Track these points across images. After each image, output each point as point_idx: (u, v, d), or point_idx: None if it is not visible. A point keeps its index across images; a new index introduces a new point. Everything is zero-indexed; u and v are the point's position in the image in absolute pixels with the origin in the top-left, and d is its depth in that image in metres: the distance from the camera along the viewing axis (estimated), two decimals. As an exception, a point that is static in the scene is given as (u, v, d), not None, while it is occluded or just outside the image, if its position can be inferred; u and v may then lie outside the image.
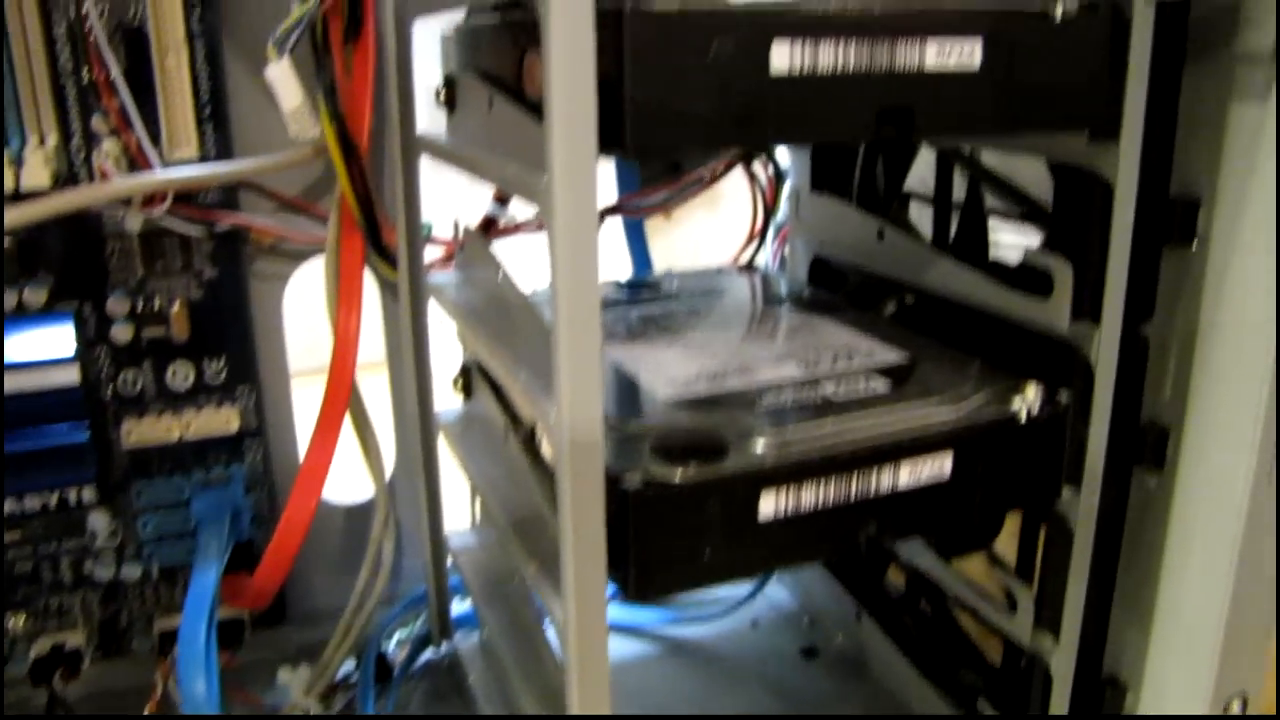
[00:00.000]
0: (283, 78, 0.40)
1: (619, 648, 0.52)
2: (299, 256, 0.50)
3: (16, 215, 0.42)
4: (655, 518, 0.31)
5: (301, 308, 0.53)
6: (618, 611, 0.54)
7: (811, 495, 0.33)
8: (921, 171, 0.49)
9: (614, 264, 0.56)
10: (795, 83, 0.30)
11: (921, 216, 0.49)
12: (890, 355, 0.40)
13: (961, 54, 0.32)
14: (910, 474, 0.34)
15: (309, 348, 0.58)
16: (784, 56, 0.29)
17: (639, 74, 0.28)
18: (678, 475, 0.31)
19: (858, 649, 0.51)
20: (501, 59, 0.37)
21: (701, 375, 0.38)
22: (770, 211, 0.54)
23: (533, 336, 0.34)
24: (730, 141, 0.30)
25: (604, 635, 0.31)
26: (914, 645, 0.47)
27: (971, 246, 0.44)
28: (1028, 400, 0.36)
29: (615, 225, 0.55)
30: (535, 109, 0.33)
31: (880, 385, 0.37)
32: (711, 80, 0.29)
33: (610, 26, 0.27)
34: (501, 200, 0.50)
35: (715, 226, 0.67)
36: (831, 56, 0.30)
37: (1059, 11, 0.33)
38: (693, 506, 0.31)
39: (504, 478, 0.41)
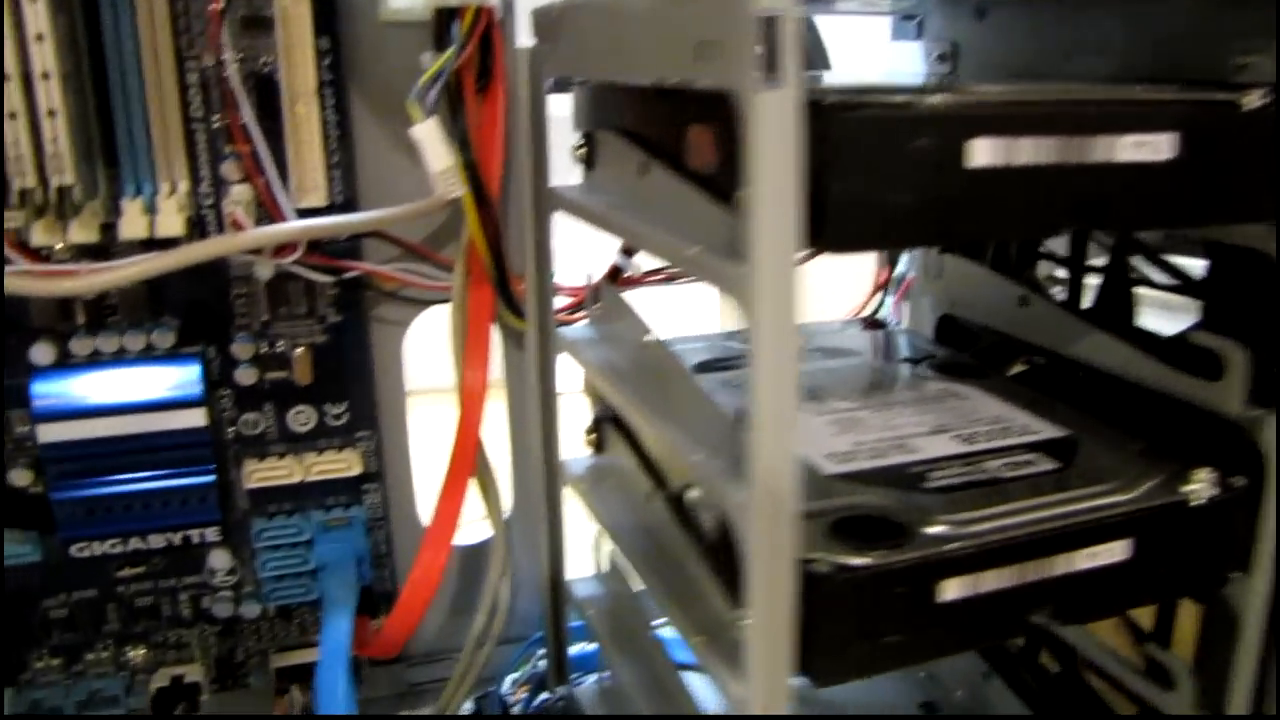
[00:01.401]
0: (430, 138, 0.39)
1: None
2: (420, 303, 0.49)
3: (156, 263, 0.42)
4: (840, 603, 0.31)
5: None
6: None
7: (991, 581, 0.32)
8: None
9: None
10: (991, 178, 0.29)
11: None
12: (1047, 430, 0.39)
13: (1155, 147, 0.30)
14: (1087, 560, 0.33)
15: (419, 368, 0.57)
16: (981, 153, 0.28)
17: (843, 171, 0.27)
18: (865, 560, 0.31)
19: (979, 705, 0.50)
20: (655, 125, 0.36)
21: (859, 448, 0.37)
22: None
23: (700, 413, 0.34)
24: (927, 239, 0.29)
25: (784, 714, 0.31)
26: (1042, 704, 0.47)
27: (1115, 315, 0.43)
28: (1202, 484, 0.35)
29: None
30: (702, 182, 0.32)
31: (1046, 464, 0.36)
32: (910, 176, 0.28)
33: (813, 121, 0.26)
34: (628, 252, 0.49)
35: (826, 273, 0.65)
36: (1028, 152, 0.29)
37: (1249, 101, 0.31)
38: (876, 592, 0.31)
39: (647, 538, 0.40)
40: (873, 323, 0.53)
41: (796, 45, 0.25)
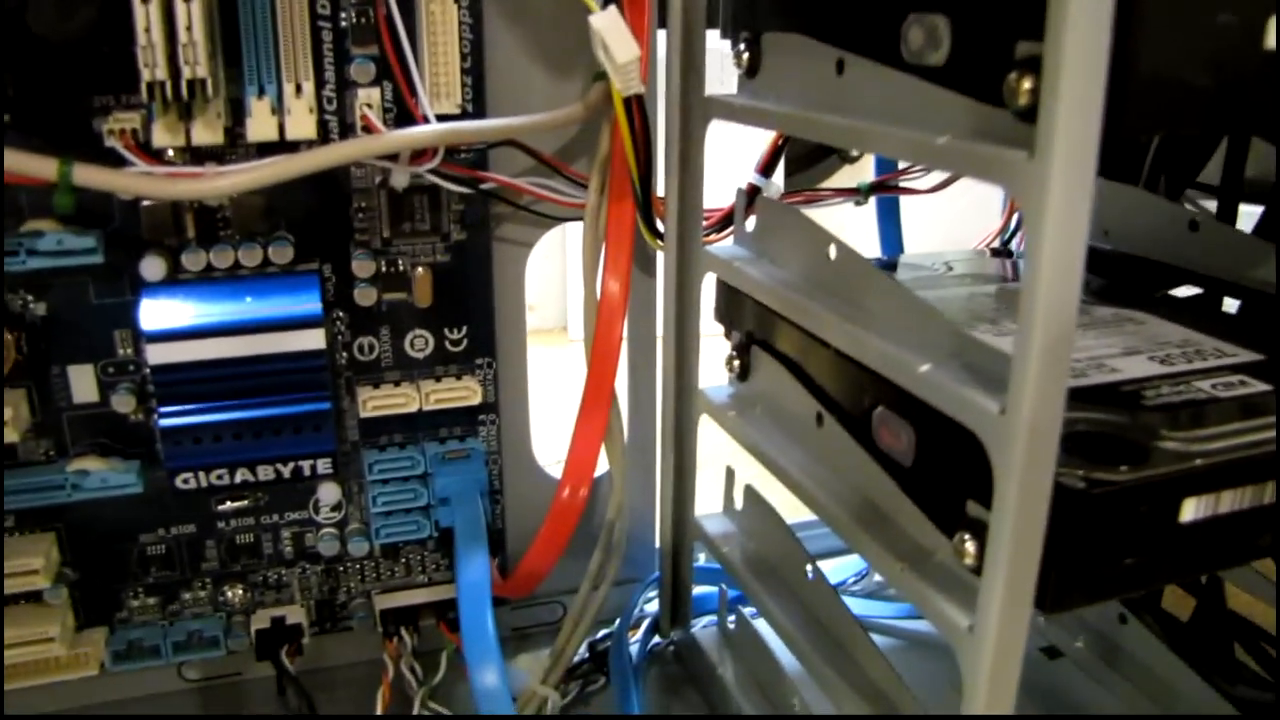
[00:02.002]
0: (613, 27, 0.36)
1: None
2: (549, 220, 0.46)
3: (291, 165, 0.39)
4: (1092, 519, 0.29)
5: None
6: (857, 604, 0.52)
7: (1228, 502, 0.30)
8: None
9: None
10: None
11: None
12: (1242, 354, 0.37)
13: None
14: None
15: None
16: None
17: (1153, 43, 0.25)
18: (1114, 476, 0.29)
19: (1108, 651, 0.49)
20: (859, 19, 0.34)
21: (1057, 369, 0.35)
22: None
23: (927, 327, 0.32)
24: (1220, 121, 0.27)
25: (1021, 647, 0.29)
26: (1189, 647, 0.45)
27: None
28: None
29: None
30: (928, 74, 0.30)
31: (1258, 384, 0.35)
32: (1211, 54, 0.26)
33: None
34: (765, 173, 0.46)
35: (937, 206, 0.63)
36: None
37: None
38: (1124, 510, 0.29)
39: (819, 465, 0.38)
40: (1001, 252, 0.51)
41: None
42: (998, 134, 0.27)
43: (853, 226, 0.59)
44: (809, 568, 0.40)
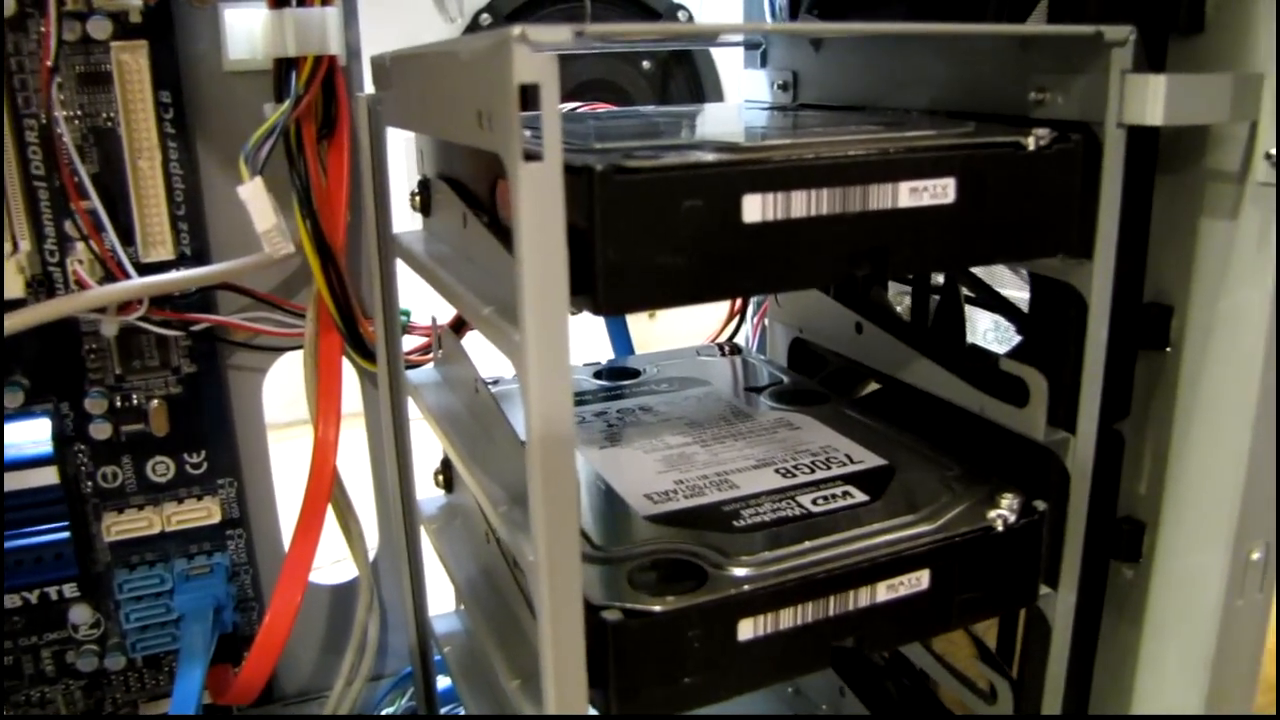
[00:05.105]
0: (255, 198, 0.39)
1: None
2: (276, 350, 0.49)
3: (-9, 328, 0.42)
4: (636, 647, 0.31)
5: (279, 363, 0.52)
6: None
7: (790, 618, 0.33)
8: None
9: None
10: (769, 232, 0.30)
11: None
12: (868, 459, 0.40)
13: (935, 192, 0.32)
14: (888, 591, 0.34)
15: (287, 402, 0.57)
16: (755, 208, 0.29)
17: (614, 235, 0.28)
18: (658, 606, 0.31)
19: (837, 715, 0.51)
20: (475, 177, 0.37)
21: (679, 487, 0.38)
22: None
23: (512, 464, 0.34)
24: (706, 295, 0.30)
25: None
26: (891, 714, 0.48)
27: (948, 336, 0.44)
28: (1005, 510, 0.36)
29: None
30: (508, 238, 0.33)
31: (858, 495, 0.37)
32: (684, 234, 0.29)
33: (581, 186, 0.27)
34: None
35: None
36: (804, 204, 0.30)
37: (1031, 143, 0.33)
38: (672, 635, 0.31)
39: (485, 581, 0.41)
40: (731, 348, 0.54)
41: (555, 116, 0.26)
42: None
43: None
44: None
